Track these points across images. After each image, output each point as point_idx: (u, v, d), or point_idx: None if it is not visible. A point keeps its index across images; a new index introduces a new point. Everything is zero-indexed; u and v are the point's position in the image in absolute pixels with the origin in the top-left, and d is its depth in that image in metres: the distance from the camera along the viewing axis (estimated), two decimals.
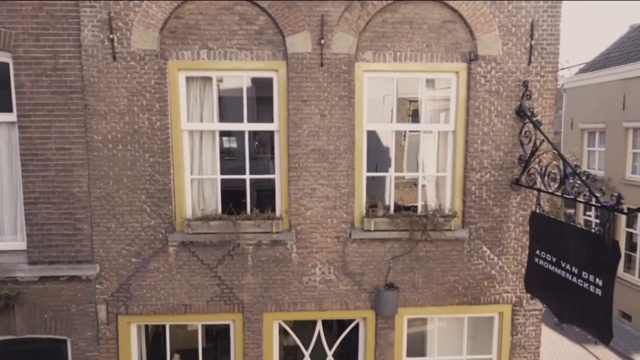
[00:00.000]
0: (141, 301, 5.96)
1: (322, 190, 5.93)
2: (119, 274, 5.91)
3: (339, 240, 6.04)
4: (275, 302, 6.06)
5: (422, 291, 6.19)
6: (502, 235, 6.20)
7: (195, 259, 5.94)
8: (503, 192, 6.13)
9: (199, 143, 6.02)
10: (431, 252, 6.15)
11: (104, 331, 5.98)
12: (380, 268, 6.12)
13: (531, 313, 6.38)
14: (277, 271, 6.02)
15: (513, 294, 6.32)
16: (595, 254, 4.66)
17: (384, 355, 6.24)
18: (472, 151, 6.02)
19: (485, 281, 6.25)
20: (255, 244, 5.96)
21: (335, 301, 6.11)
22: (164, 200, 5.83)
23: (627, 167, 16.42)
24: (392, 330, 6.20)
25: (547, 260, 5.40)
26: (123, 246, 5.87)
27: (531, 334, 6.41)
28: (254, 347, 6.11)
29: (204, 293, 5.99)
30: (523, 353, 6.43)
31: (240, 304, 6.03)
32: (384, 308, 5.97)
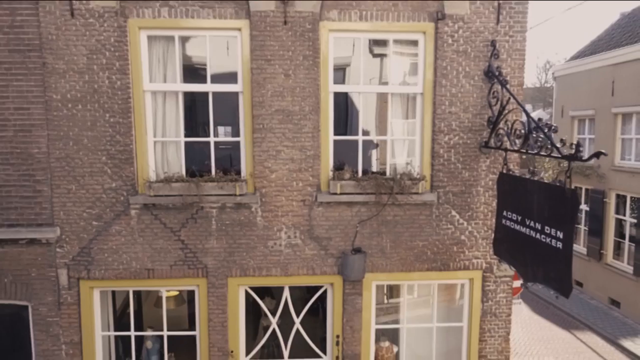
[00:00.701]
0: (103, 265, 5.86)
1: (287, 152, 5.83)
2: (80, 238, 5.80)
3: (305, 204, 5.94)
4: (240, 267, 5.96)
5: (390, 256, 6.09)
6: (471, 200, 6.10)
7: (158, 223, 5.84)
8: (472, 155, 6.03)
9: (162, 105, 5.92)
10: (399, 217, 6.05)
11: (65, 296, 5.87)
12: (347, 232, 6.01)
13: (502, 280, 6.28)
14: (241, 235, 5.92)
15: (483, 260, 6.22)
16: (557, 206, 4.58)
17: (352, 322, 6.14)
18: (440, 113, 5.92)
19: (454, 246, 6.15)
20: (219, 207, 5.86)
21: (301, 266, 6.01)
22: (126, 161, 5.72)
23: (616, 153, 16.33)
24: (359, 296, 6.10)
25: (513, 220, 5.31)
26: (84, 209, 5.77)
27: (502, 300, 6.31)
28: (218, 312, 6.00)
29: (167, 257, 5.89)
30: (494, 320, 6.33)
31: (204, 268, 5.93)
32: (350, 272, 5.87)
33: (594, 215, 17.19)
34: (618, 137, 16.28)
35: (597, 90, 16.94)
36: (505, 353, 6.40)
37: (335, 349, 6.19)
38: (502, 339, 6.37)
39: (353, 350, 6.18)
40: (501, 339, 6.37)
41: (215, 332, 6.02)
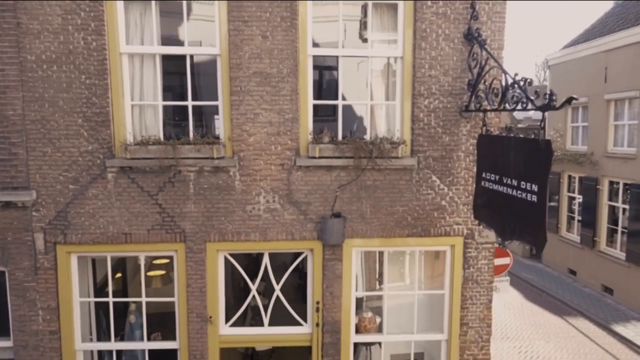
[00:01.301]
0: (80, 229, 5.81)
1: (266, 115, 5.78)
2: (56, 201, 5.75)
3: (284, 168, 5.89)
4: (218, 232, 5.91)
5: (370, 221, 6.04)
6: (452, 165, 6.06)
7: (135, 186, 5.79)
8: (452, 119, 5.98)
9: (139, 68, 5.86)
10: (379, 181, 6.00)
11: (42, 261, 5.82)
12: (326, 197, 5.97)
13: (483, 246, 6.23)
14: (219, 199, 5.87)
15: (464, 226, 6.17)
16: (532, 160, 4.54)
17: (332, 287, 6.09)
18: (420, 76, 5.87)
19: (435, 212, 6.11)
20: (197, 171, 5.81)
21: (280, 231, 5.96)
22: (102, 124, 5.67)
23: (609, 140, 16.32)
24: (339, 261, 6.05)
25: (491, 181, 5.27)
26: (60, 172, 5.72)
27: (483, 267, 6.26)
28: (197, 278, 5.96)
29: (145, 221, 5.84)
30: (475, 287, 6.29)
31: (182, 233, 5.88)
32: (329, 237, 5.82)
33: (587, 203, 17.16)
34: (611, 123, 16.26)
35: (591, 78, 16.90)
36: (487, 320, 6.36)
37: (315, 316, 6.14)
38: (483, 307, 6.32)
39: (333, 317, 6.13)
40: (483, 306, 6.32)
41: (193, 298, 5.98)
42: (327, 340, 6.16)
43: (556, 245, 19.41)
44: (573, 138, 18.77)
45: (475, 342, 6.35)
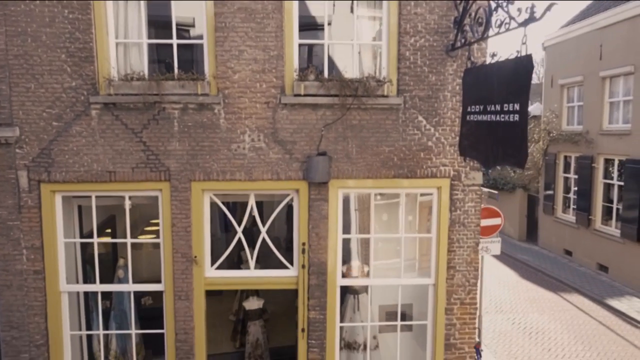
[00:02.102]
0: (64, 167, 5.78)
1: (250, 52, 5.75)
2: (39, 138, 5.72)
3: (269, 106, 5.86)
4: (203, 170, 5.88)
5: (355, 162, 6.01)
6: (438, 105, 6.03)
7: (119, 123, 5.76)
8: (439, 58, 5.95)
9: (124, 6, 5.83)
10: (365, 121, 5.97)
11: (25, 199, 5.79)
12: (312, 136, 5.94)
13: (470, 188, 6.20)
14: (204, 137, 5.84)
15: (451, 168, 6.14)
16: (514, 78, 4.51)
17: (317, 228, 6.06)
18: (406, 14, 5.84)
19: (421, 153, 6.08)
20: (181, 108, 5.78)
21: (265, 170, 5.93)
22: (86, 60, 5.64)
23: (604, 118, 16.28)
24: (325, 202, 6.02)
25: (476, 113, 5.23)
26: (43, 108, 5.69)
27: (470, 210, 6.23)
28: (182, 217, 5.93)
29: (129, 159, 5.81)
30: (462, 230, 6.26)
31: (166, 171, 5.85)
32: (314, 174, 5.79)
33: (583, 182, 17.13)
34: (606, 101, 16.22)
35: (586, 56, 16.87)
36: (474, 264, 6.33)
37: (301, 257, 6.12)
38: (470, 250, 6.29)
39: (319, 259, 6.10)
40: (470, 249, 6.29)
41: (178, 238, 5.95)
42: (313, 282, 6.13)
43: (552, 227, 19.39)
44: (569, 118, 18.74)
45: (462, 285, 6.32)
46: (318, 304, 6.16)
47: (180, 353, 6.12)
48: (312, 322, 6.18)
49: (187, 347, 6.12)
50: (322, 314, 6.18)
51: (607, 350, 10.88)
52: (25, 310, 5.93)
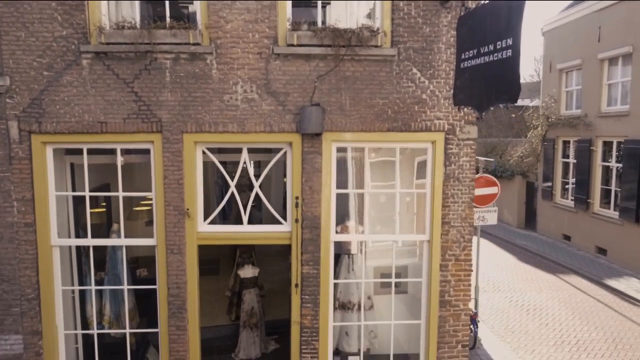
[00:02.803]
0: (54, 118, 5.73)
1: (243, 1, 5.70)
2: (30, 88, 5.68)
3: (262, 57, 5.81)
4: (195, 122, 5.83)
5: (349, 114, 5.96)
6: (432, 57, 5.98)
7: (111, 73, 5.71)
8: (433, 9, 5.90)
9: None
10: (358, 72, 5.92)
11: (16, 150, 5.74)
12: (305, 88, 5.89)
13: (465, 142, 6.15)
14: (196, 88, 5.79)
15: (445, 121, 6.09)
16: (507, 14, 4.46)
17: (311, 182, 6.01)
18: None
19: (415, 106, 6.03)
20: (173, 58, 5.73)
21: (258, 122, 5.88)
22: (76, 8, 5.59)
23: (603, 100, 16.23)
24: (319, 155, 5.97)
25: (470, 58, 5.17)
26: (34, 58, 5.64)
27: (465, 165, 6.18)
28: (174, 169, 5.88)
29: (121, 110, 5.76)
30: (457, 185, 6.21)
31: (158, 122, 5.80)
32: (307, 125, 5.74)
33: (581, 166, 17.08)
34: (604, 83, 16.18)
35: (584, 39, 16.82)
36: (469, 220, 6.28)
37: (295, 211, 6.07)
38: (465, 205, 6.24)
39: (313, 212, 6.06)
40: (465, 205, 6.24)
41: (170, 190, 5.90)
42: (306, 237, 6.08)
43: (550, 213, 19.35)
44: (567, 103, 18.70)
45: (457, 241, 6.27)
46: (311, 259, 6.11)
47: (173, 308, 6.07)
48: (306, 277, 6.13)
49: (179, 302, 6.07)
50: (315, 269, 6.13)
51: (605, 325, 10.83)
52: (16, 263, 5.89)
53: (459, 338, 6.43)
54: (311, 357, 6.25)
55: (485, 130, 26.53)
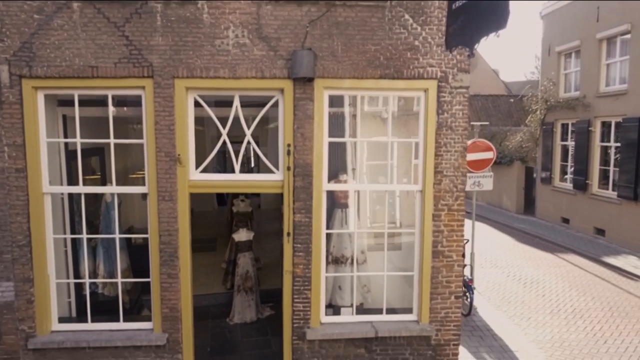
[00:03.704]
0: (45, 62, 5.71)
1: None
2: (21, 32, 5.66)
3: (253, 1, 5.78)
4: (186, 67, 5.81)
5: (341, 60, 5.94)
6: (424, 3, 5.95)
7: (101, 17, 5.69)
8: None
9: None
10: (350, 18, 5.90)
11: (7, 94, 5.73)
12: (297, 33, 5.86)
13: (458, 91, 6.13)
14: (187, 33, 5.77)
15: (438, 69, 6.07)
16: None
17: (302, 129, 5.99)
18: None
19: (408, 52, 6.00)
20: (164, 2, 5.71)
21: (250, 67, 5.86)
22: None
23: (601, 80, 16.21)
24: (310, 101, 5.95)
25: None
26: (24, 0, 5.62)
27: (458, 113, 6.16)
28: (165, 115, 5.86)
29: (112, 54, 5.74)
30: (450, 134, 6.18)
31: (149, 67, 5.78)
32: (299, 68, 5.71)
33: (580, 148, 17.05)
34: (603, 63, 16.15)
35: (583, 20, 16.79)
36: (462, 169, 6.25)
37: (287, 159, 6.05)
38: (458, 154, 6.22)
39: (305, 160, 6.03)
40: (457, 154, 6.21)
41: (162, 136, 5.88)
42: (298, 184, 6.06)
43: (549, 196, 19.32)
44: (566, 86, 18.67)
45: (450, 191, 6.25)
46: (303, 207, 6.09)
47: (165, 255, 6.05)
48: (298, 226, 6.11)
49: (171, 250, 6.05)
50: (307, 217, 6.10)
51: (602, 296, 10.82)
52: (7, 209, 5.87)
53: (452, 289, 6.40)
54: (303, 306, 6.23)
55: (484, 119, 26.48)
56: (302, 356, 6.31)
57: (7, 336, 6.05)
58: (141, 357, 6.19)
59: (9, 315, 6.02)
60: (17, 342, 6.06)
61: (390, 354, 6.42)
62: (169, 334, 6.16)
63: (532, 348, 8.11)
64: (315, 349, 6.31)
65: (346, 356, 6.37)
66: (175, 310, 6.15)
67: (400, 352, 6.44)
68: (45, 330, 6.12)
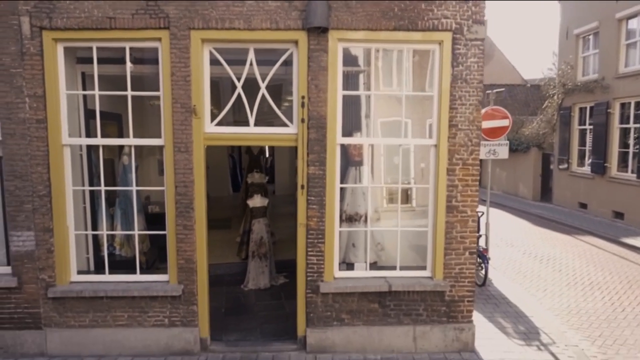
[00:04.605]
0: (65, 13, 5.82)
1: None
2: None
3: None
4: (202, 18, 5.86)
5: (355, 11, 5.94)
6: None
7: None
8: None
9: None
10: None
11: (28, 46, 5.85)
12: None
13: (473, 43, 6.08)
14: None
15: (453, 20, 6.03)
16: None
17: (317, 80, 6.01)
18: None
19: (422, 3, 5.98)
20: None
21: (264, 19, 5.89)
22: None
23: (621, 61, 15.95)
24: (325, 53, 5.96)
25: None
26: None
27: (473, 66, 6.12)
28: (181, 66, 5.93)
29: (129, 5, 5.82)
30: (465, 87, 6.14)
31: (166, 18, 5.85)
32: (313, 18, 5.73)
33: (598, 131, 16.79)
34: (622, 44, 15.89)
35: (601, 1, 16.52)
36: (477, 123, 6.21)
37: (301, 111, 6.07)
38: (473, 108, 6.18)
39: (319, 112, 6.05)
40: (472, 107, 6.17)
41: (178, 87, 5.96)
42: (312, 137, 6.08)
43: (567, 182, 19.06)
44: (584, 69, 18.39)
45: (465, 145, 6.21)
46: (317, 159, 6.11)
47: (180, 207, 6.13)
48: (312, 178, 6.13)
49: (186, 201, 6.12)
50: (321, 170, 6.13)
51: (620, 272, 10.65)
52: (28, 159, 6.00)
53: (467, 245, 6.37)
54: (317, 259, 6.25)
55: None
56: (316, 310, 6.33)
57: (28, 285, 6.19)
58: (157, 307, 6.28)
59: (30, 264, 6.15)
60: (37, 291, 6.19)
61: (404, 310, 6.41)
62: (184, 286, 6.24)
63: (548, 315, 8.02)
64: (328, 302, 6.33)
65: (360, 311, 6.38)
66: (190, 262, 6.22)
67: (414, 308, 6.42)
68: (64, 280, 6.24)
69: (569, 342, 6.85)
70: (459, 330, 6.47)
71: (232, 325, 7.18)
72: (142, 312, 6.28)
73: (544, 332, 7.17)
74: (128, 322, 6.29)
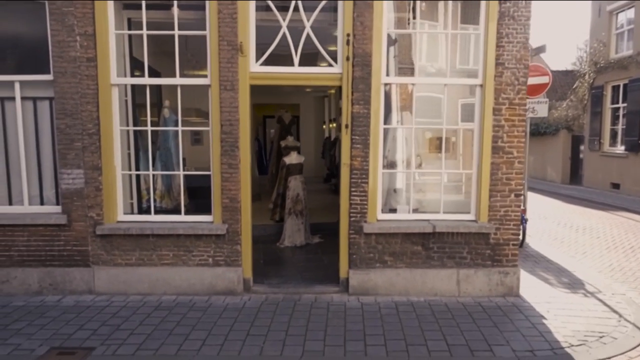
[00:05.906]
0: None
1: None
2: None
3: None
4: None
5: None
6: None
7: None
8: None
9: None
10: None
11: None
12: None
13: None
14: None
15: None
16: None
17: (362, 17, 5.98)
18: None
19: None
20: None
21: None
22: None
23: None
24: None
25: None
26: None
27: (521, 2, 6.03)
28: (227, 4, 5.97)
29: None
30: (512, 24, 6.05)
31: None
32: None
33: (633, 108, 16.41)
34: None
35: None
36: (524, 61, 6.12)
37: (346, 49, 6.06)
38: (520, 46, 6.08)
39: (364, 50, 6.04)
40: (520, 45, 6.08)
41: (224, 25, 6.00)
42: (357, 75, 6.07)
43: (598, 163, 18.68)
44: (617, 46, 17.99)
45: (512, 84, 6.13)
46: (362, 98, 6.10)
47: (225, 145, 6.18)
48: (356, 117, 6.12)
49: (232, 140, 6.17)
50: (366, 109, 6.11)
51: None
52: (78, 97, 6.11)
53: (512, 187, 6.28)
54: (360, 199, 6.24)
55: None
56: (359, 251, 6.32)
57: (77, 223, 6.31)
58: (202, 247, 6.34)
59: (79, 202, 6.27)
60: (86, 229, 6.31)
61: (448, 252, 6.36)
62: (228, 225, 6.29)
63: (591, 270, 7.87)
64: (372, 244, 6.32)
65: (403, 253, 6.34)
66: (235, 201, 6.27)
67: (458, 251, 6.36)
68: (111, 219, 6.35)
69: (615, 292, 6.70)
70: (503, 274, 6.38)
71: (272, 272, 7.22)
72: (187, 251, 6.35)
73: (589, 283, 7.03)
74: (173, 261, 6.37)
